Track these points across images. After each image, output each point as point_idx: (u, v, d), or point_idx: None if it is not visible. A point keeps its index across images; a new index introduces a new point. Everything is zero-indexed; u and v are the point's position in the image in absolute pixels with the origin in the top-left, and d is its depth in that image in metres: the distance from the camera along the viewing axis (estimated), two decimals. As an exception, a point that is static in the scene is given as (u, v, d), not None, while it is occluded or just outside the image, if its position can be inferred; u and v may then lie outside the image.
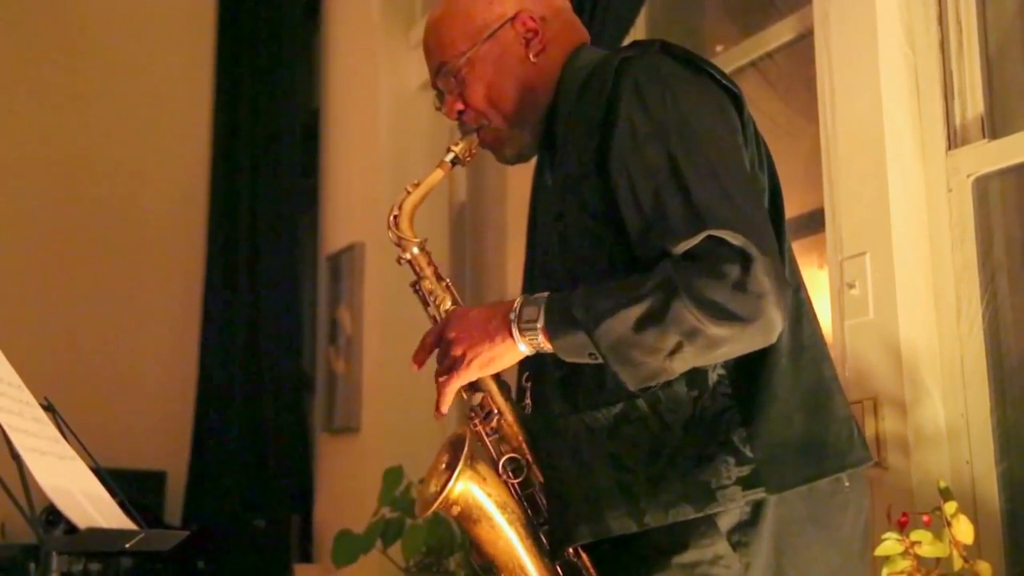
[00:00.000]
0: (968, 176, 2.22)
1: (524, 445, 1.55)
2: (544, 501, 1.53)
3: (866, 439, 1.58)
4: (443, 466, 1.55)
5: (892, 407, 2.17)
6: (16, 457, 1.45)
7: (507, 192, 3.85)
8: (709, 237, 1.34)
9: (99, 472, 1.64)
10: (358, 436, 4.27)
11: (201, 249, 5.05)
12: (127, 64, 5.08)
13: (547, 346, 1.43)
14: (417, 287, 1.64)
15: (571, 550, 1.50)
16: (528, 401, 1.59)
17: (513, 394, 1.60)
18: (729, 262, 1.33)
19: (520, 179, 3.35)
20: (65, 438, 1.64)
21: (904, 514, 1.87)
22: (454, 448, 1.54)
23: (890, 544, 1.82)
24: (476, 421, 1.56)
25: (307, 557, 4.49)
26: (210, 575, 4.35)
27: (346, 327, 4.45)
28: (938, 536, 1.82)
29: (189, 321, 4.95)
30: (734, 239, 1.33)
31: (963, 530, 1.83)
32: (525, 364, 1.55)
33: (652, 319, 1.34)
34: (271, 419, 4.67)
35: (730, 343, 1.36)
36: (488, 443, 1.56)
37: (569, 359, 1.44)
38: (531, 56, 1.64)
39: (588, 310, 1.38)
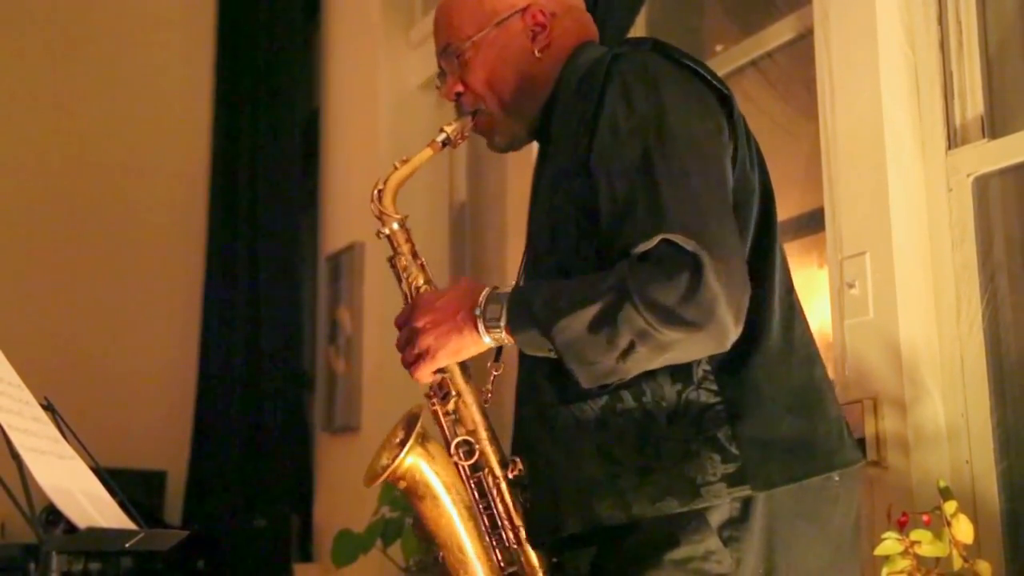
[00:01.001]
0: (968, 176, 2.22)
1: (480, 429, 1.57)
2: (491, 484, 1.55)
3: (857, 440, 1.59)
4: (396, 440, 1.58)
5: (892, 406, 2.17)
6: (16, 457, 1.45)
7: (506, 191, 3.84)
8: (664, 240, 1.35)
9: (99, 472, 1.64)
10: (358, 436, 4.27)
11: (201, 249, 5.05)
12: (128, 63, 5.08)
13: (510, 341, 1.46)
14: (393, 262, 1.66)
15: (513, 539, 1.54)
16: (489, 386, 1.62)
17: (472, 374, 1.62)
18: (681, 267, 1.34)
19: (520, 178, 3.35)
20: (65, 438, 1.64)
21: (904, 514, 1.87)
22: (409, 424, 1.57)
23: (890, 544, 1.81)
24: (434, 401, 1.58)
25: (307, 557, 4.50)
26: (210, 575, 4.35)
27: (346, 327, 4.45)
28: (938, 536, 1.82)
29: (189, 321, 4.95)
30: (687, 244, 1.34)
31: (963, 530, 1.82)
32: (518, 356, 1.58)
33: (605, 320, 1.36)
34: (271, 419, 4.67)
35: (679, 347, 1.37)
36: (444, 423, 1.58)
37: (531, 353, 1.47)
38: (536, 50, 1.66)
39: (546, 307, 1.41)
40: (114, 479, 1.65)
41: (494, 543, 1.56)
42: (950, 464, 2.14)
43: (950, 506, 1.84)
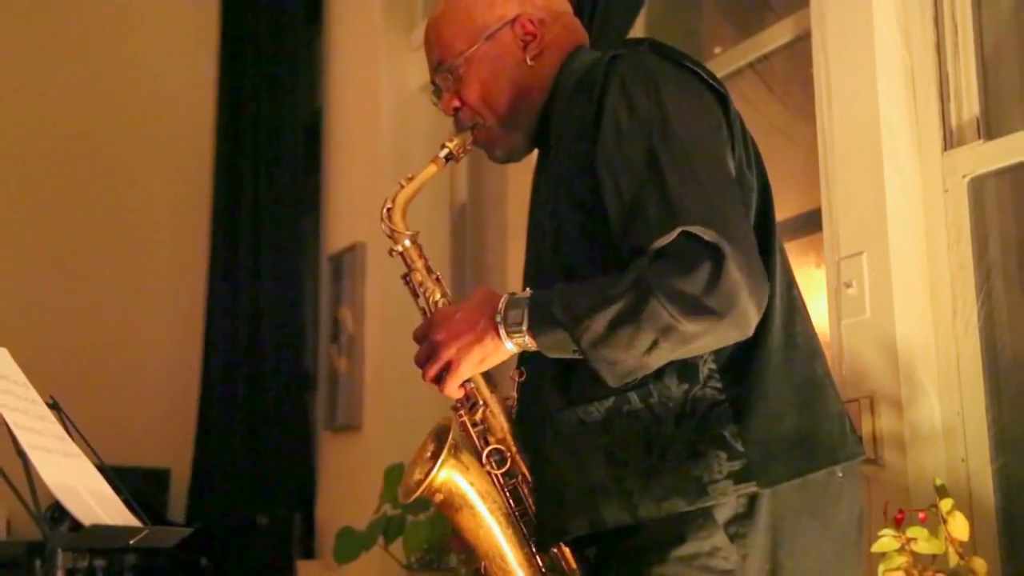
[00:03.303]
0: (964, 177, 2.23)
1: (509, 437, 1.57)
2: (527, 492, 1.55)
3: (860, 435, 1.59)
4: (428, 454, 1.57)
5: (888, 405, 2.18)
6: (22, 455, 1.46)
7: (507, 192, 3.86)
8: (683, 233, 1.36)
9: (103, 469, 1.65)
10: (360, 434, 4.29)
11: (204, 248, 5.07)
12: (131, 65, 5.10)
13: (532, 345, 1.45)
14: (408, 279, 1.66)
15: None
16: (514, 394, 1.61)
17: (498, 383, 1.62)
18: (702, 257, 1.35)
19: (520, 179, 3.36)
20: (70, 436, 1.65)
21: (900, 511, 1.87)
22: (439, 437, 1.57)
23: (886, 541, 1.82)
24: (461, 412, 1.59)
25: (309, 554, 4.51)
26: (213, 572, 4.37)
27: (348, 326, 4.47)
28: (934, 533, 1.83)
29: (192, 320, 4.97)
30: (707, 234, 1.35)
31: (959, 527, 1.83)
32: (521, 359, 1.58)
33: (628, 318, 1.36)
34: (274, 417, 4.69)
35: (704, 337, 1.37)
36: (473, 434, 1.58)
37: (553, 356, 1.46)
38: (528, 59, 1.67)
39: (567, 309, 1.40)
40: (119, 477, 1.66)
41: (534, 549, 1.55)
42: (946, 462, 2.15)
43: (946, 504, 1.85)
